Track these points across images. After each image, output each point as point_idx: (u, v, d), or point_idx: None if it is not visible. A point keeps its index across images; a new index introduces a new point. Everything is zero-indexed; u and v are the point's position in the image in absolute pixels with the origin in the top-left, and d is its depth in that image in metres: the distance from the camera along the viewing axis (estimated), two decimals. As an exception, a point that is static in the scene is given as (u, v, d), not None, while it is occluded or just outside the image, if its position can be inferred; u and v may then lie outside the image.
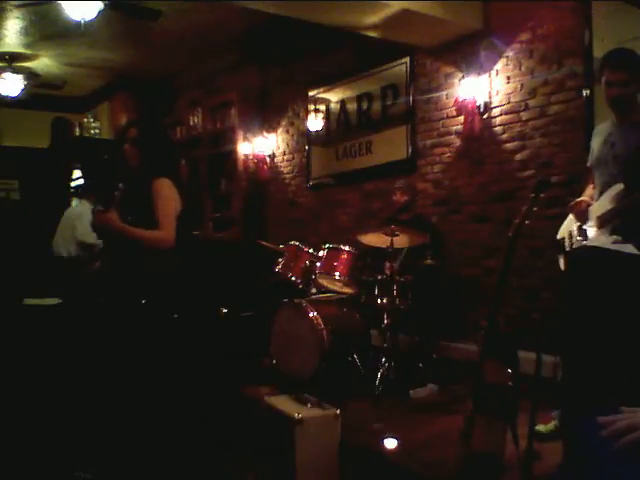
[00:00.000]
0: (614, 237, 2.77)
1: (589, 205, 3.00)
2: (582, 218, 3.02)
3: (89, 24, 5.44)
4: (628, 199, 2.74)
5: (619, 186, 2.81)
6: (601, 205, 2.90)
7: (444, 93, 5.24)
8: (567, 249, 3.12)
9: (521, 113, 4.66)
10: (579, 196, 3.16)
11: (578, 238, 3.04)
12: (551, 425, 3.02)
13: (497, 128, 4.82)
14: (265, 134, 7.37)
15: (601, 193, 2.95)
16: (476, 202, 4.99)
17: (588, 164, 3.13)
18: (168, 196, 2.94)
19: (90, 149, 7.91)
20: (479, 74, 4.87)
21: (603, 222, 2.86)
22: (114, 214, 2.78)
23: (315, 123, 6.52)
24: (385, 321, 4.08)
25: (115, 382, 2.81)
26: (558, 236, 3.22)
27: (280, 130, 7.25)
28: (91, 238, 4.65)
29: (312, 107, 6.55)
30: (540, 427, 2.93)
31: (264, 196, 7.44)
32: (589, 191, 3.13)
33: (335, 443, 2.80)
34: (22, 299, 3.93)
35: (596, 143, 3.04)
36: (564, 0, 4.35)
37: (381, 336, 4.24)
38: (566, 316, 2.94)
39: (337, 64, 6.33)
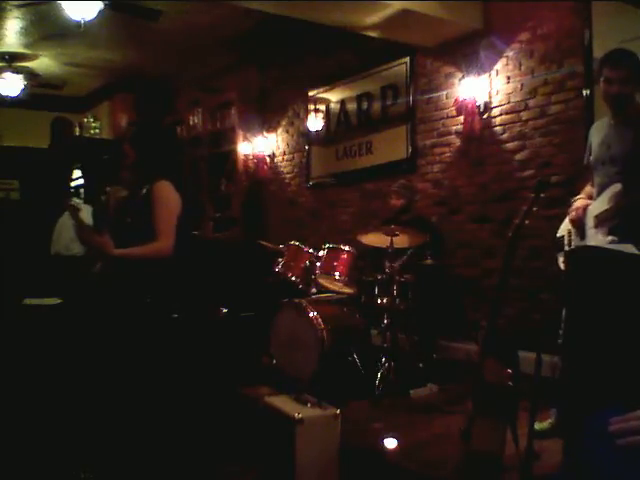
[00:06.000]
0: (610, 237, 2.78)
1: (586, 208, 3.01)
2: (577, 224, 3.03)
3: (89, 24, 5.43)
4: (626, 199, 2.75)
5: (617, 186, 2.82)
6: (599, 205, 2.91)
7: (444, 93, 5.25)
8: (566, 247, 3.13)
9: (521, 113, 4.66)
10: (578, 195, 3.17)
11: (576, 237, 3.05)
12: (546, 423, 3.02)
13: (497, 128, 4.82)
14: (265, 134, 7.38)
15: (599, 193, 2.96)
16: (476, 202, 4.99)
17: (585, 162, 3.13)
18: (167, 201, 2.88)
19: (90, 149, 7.91)
20: (479, 74, 4.87)
21: (600, 222, 2.87)
22: (107, 239, 2.72)
23: (315, 123, 6.52)
24: (385, 321, 4.08)
25: (115, 382, 2.81)
26: (558, 234, 3.22)
27: (280, 130, 7.25)
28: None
29: (312, 107, 6.55)
30: (535, 425, 2.93)
31: (264, 196, 7.44)
32: (588, 189, 3.13)
33: (335, 443, 2.80)
34: (22, 299, 3.93)
35: (594, 142, 3.05)
36: (564, 0, 4.35)
37: (381, 336, 4.24)
38: (566, 315, 2.95)
39: (337, 64, 6.34)
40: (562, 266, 3.16)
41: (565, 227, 3.17)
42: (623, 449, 0.97)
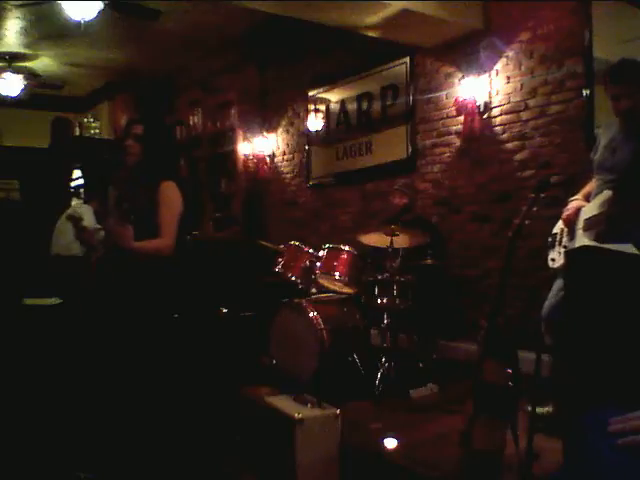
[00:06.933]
0: (595, 243, 2.79)
1: (579, 209, 3.03)
2: (569, 224, 3.04)
3: (89, 24, 5.43)
4: (615, 208, 2.76)
5: (607, 193, 2.83)
6: (590, 209, 2.94)
7: (444, 93, 5.24)
8: (556, 245, 3.15)
9: (521, 113, 4.66)
10: (578, 192, 3.18)
11: (567, 236, 3.08)
12: (547, 409, 3.04)
13: (497, 128, 4.82)
14: (265, 134, 7.38)
15: (594, 197, 2.98)
16: (476, 202, 4.99)
17: (591, 156, 3.13)
18: (173, 201, 2.92)
19: (90, 149, 7.91)
20: (479, 74, 4.87)
21: (589, 226, 2.89)
22: (130, 231, 2.75)
23: (315, 123, 6.52)
24: (385, 321, 4.08)
25: (116, 382, 2.81)
26: (553, 231, 3.24)
27: (280, 130, 7.25)
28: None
29: (312, 107, 6.56)
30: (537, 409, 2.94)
31: (264, 196, 7.44)
32: (586, 189, 3.14)
33: (335, 443, 2.80)
34: (22, 299, 3.93)
35: (601, 144, 3.05)
36: (564, 0, 4.35)
37: (381, 336, 4.24)
38: (564, 315, 2.96)
39: (337, 64, 6.34)
40: (550, 263, 3.18)
41: (560, 225, 3.19)
42: (623, 449, 0.97)
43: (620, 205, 2.75)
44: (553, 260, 3.17)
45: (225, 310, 4.91)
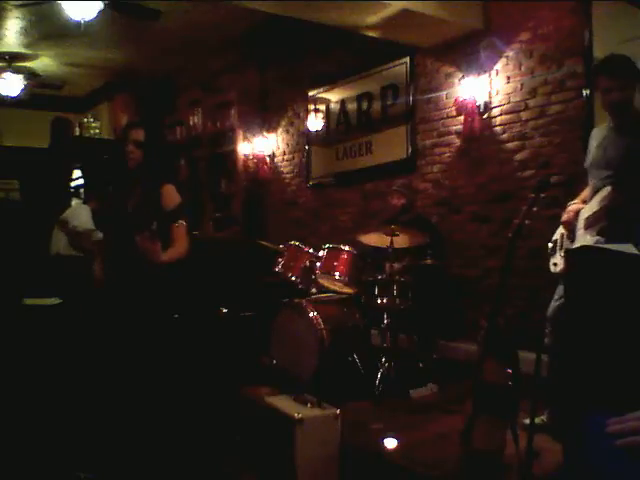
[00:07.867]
0: (597, 237, 2.80)
1: (578, 211, 3.03)
2: (569, 226, 3.05)
3: (89, 24, 5.43)
4: (614, 202, 2.76)
5: (606, 189, 2.84)
6: (590, 207, 2.94)
7: (444, 93, 5.24)
8: (558, 250, 3.15)
9: (521, 113, 4.66)
10: (577, 197, 3.18)
11: (567, 239, 3.07)
12: (537, 419, 3.03)
13: (497, 128, 4.82)
14: (265, 134, 7.38)
15: (592, 196, 2.98)
16: (476, 202, 4.99)
17: (585, 165, 3.14)
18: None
19: (90, 149, 7.92)
20: (479, 74, 4.87)
21: (590, 223, 2.89)
22: (159, 246, 2.76)
23: (315, 123, 6.52)
24: (385, 321, 4.08)
25: (116, 382, 2.81)
26: (553, 237, 3.24)
27: (280, 130, 7.25)
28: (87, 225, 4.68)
29: (312, 107, 6.55)
30: (527, 420, 2.94)
31: (264, 196, 7.44)
32: (584, 194, 3.15)
33: (335, 443, 2.80)
34: (22, 299, 3.94)
35: (592, 146, 3.07)
36: (564, 0, 4.35)
37: (381, 336, 4.24)
38: (564, 315, 2.95)
39: (337, 64, 6.34)
40: (552, 268, 3.18)
41: (560, 230, 3.19)
42: (622, 449, 0.97)
43: (619, 197, 2.75)
44: (555, 265, 3.17)
45: (225, 310, 4.92)
